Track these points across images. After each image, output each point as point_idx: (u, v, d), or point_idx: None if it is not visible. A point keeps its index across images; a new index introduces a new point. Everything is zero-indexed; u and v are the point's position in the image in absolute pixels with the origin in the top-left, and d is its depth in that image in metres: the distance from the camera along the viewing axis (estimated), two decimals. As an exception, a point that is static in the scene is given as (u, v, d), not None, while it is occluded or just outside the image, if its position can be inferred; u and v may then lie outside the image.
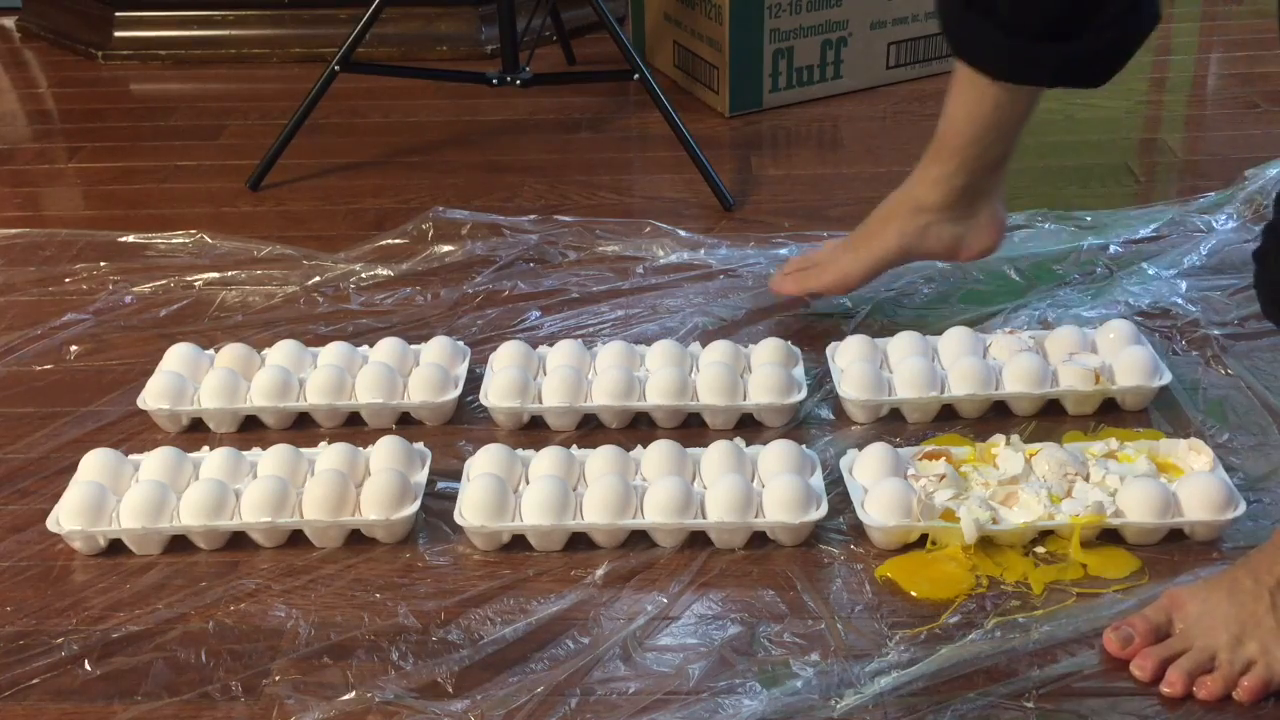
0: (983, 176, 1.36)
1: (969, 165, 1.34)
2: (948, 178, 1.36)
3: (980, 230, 1.40)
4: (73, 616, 1.10)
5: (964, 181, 1.35)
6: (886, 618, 1.05)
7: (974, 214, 1.38)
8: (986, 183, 1.37)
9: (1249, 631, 0.97)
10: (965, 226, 1.39)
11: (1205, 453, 1.18)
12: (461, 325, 1.50)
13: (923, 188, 1.38)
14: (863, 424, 1.30)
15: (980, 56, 1.32)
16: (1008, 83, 1.30)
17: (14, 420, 1.37)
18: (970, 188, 1.36)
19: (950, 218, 1.38)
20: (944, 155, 1.36)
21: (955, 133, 1.34)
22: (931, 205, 1.38)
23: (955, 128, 1.34)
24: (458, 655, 1.03)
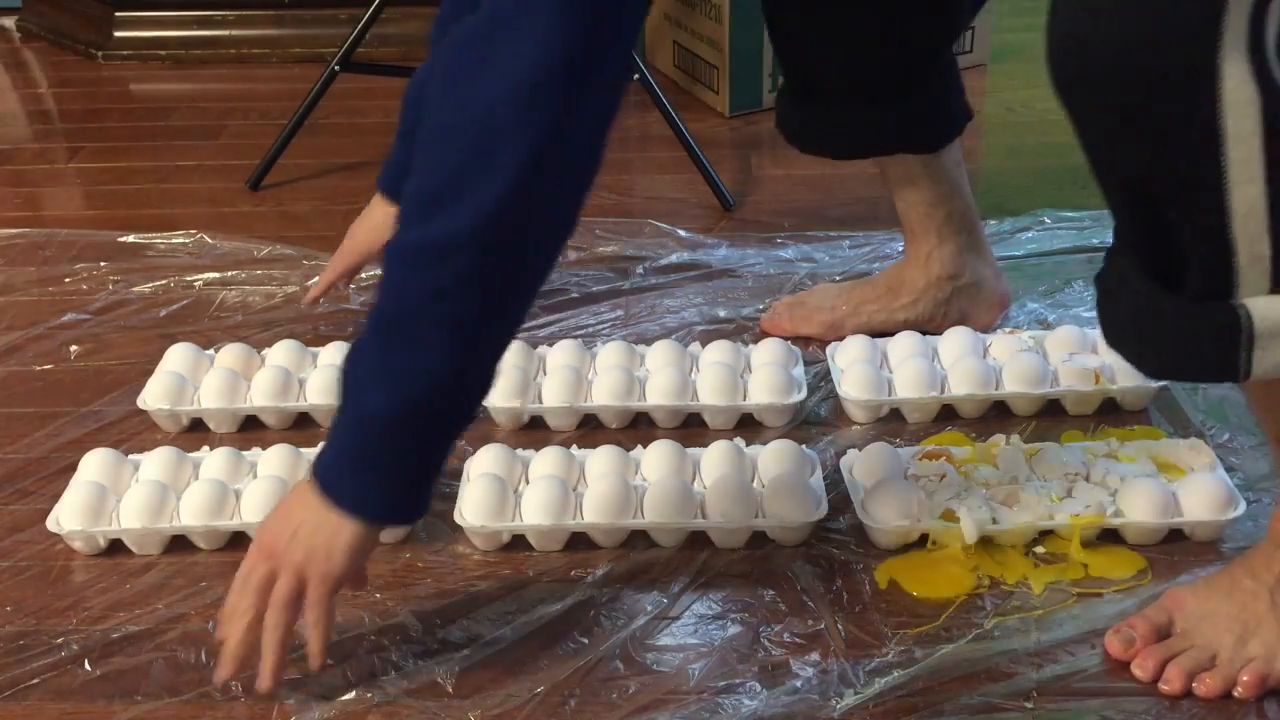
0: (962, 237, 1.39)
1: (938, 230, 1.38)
2: (929, 252, 1.39)
3: (981, 306, 1.41)
4: (73, 616, 1.09)
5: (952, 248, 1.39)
6: (886, 618, 1.05)
7: (977, 287, 1.40)
8: (970, 242, 1.39)
9: (1251, 630, 0.97)
10: (968, 300, 1.41)
11: (1205, 453, 1.18)
12: (461, 325, 1.49)
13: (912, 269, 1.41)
14: (863, 424, 1.30)
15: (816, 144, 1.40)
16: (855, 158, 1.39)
17: (14, 420, 1.37)
18: (959, 252, 1.39)
19: (950, 291, 1.40)
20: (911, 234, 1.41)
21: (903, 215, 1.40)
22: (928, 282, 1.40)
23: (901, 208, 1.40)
24: (458, 655, 1.03)
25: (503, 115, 0.85)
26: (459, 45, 0.87)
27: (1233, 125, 0.77)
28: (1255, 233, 0.79)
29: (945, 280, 1.40)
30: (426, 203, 0.88)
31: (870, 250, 1.61)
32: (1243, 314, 0.81)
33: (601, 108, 0.89)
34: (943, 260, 1.39)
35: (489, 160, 0.85)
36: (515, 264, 0.89)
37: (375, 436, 0.92)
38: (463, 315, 0.89)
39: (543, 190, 0.87)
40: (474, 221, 0.86)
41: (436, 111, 0.88)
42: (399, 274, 0.90)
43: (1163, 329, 0.85)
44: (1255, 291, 0.81)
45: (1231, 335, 0.81)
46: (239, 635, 0.95)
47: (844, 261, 1.59)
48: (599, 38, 0.85)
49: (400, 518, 0.99)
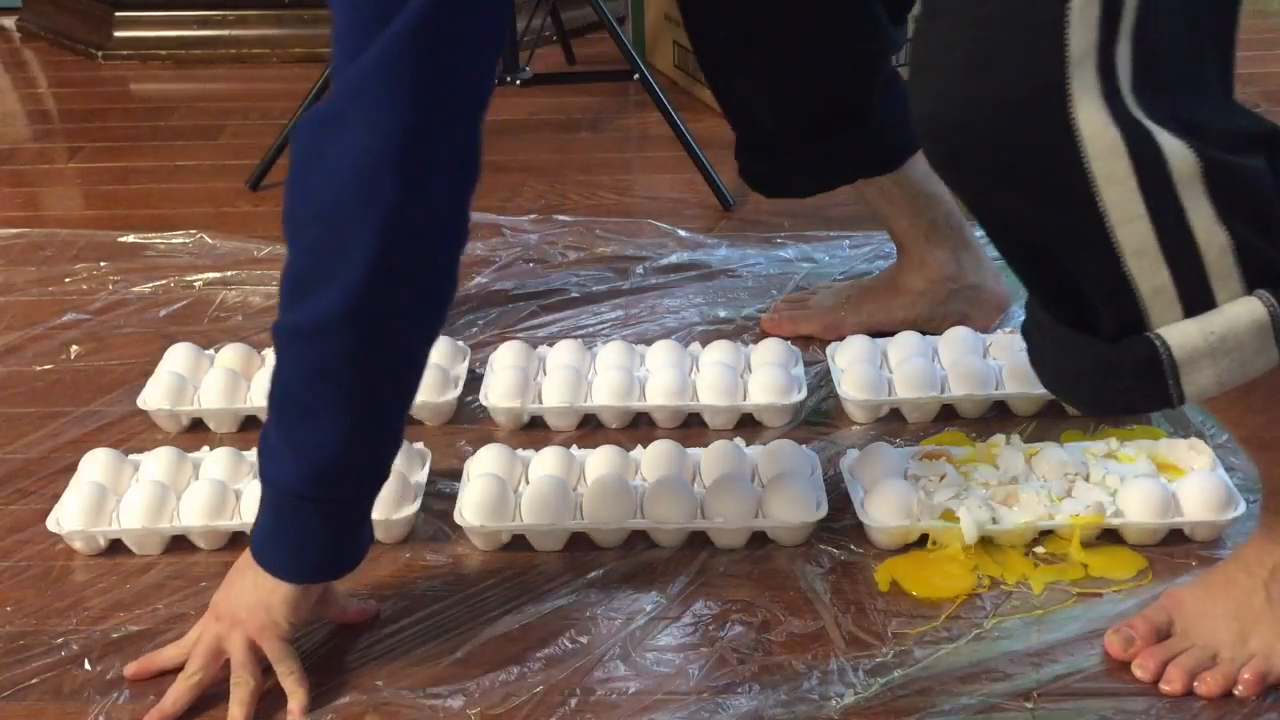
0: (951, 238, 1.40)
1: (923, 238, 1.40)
2: (921, 258, 1.40)
3: (981, 308, 1.42)
4: (73, 616, 1.09)
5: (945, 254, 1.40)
6: (886, 618, 1.05)
7: (976, 289, 1.41)
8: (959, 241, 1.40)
9: (1249, 627, 0.97)
10: (968, 302, 1.41)
11: (1205, 453, 1.18)
12: (461, 325, 1.50)
13: (909, 273, 1.42)
14: (863, 424, 1.30)
15: (780, 188, 1.44)
16: (820, 193, 1.43)
17: (14, 420, 1.37)
18: (952, 255, 1.40)
19: (949, 293, 1.40)
20: (900, 245, 1.43)
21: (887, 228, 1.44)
22: (927, 284, 1.41)
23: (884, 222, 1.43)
24: (457, 655, 1.03)
25: (345, 205, 0.88)
26: (305, 134, 0.90)
27: (1101, 171, 0.78)
28: (1150, 267, 0.80)
29: (943, 282, 1.40)
30: (297, 286, 0.91)
31: (870, 250, 1.61)
32: (1159, 344, 0.82)
33: (450, 178, 0.90)
34: (939, 263, 1.40)
35: (342, 248, 0.88)
36: (391, 336, 0.92)
37: (289, 508, 0.96)
38: (348, 390, 0.92)
39: (400, 267, 0.89)
40: (340, 306, 0.89)
41: (292, 201, 0.91)
42: (284, 354, 0.94)
43: (1089, 371, 0.86)
44: (1168, 320, 0.82)
45: (1153, 367, 0.82)
46: (184, 695, 0.98)
47: (844, 261, 1.59)
48: (434, 119, 0.87)
49: (324, 577, 1.02)
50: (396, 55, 0.85)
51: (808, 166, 1.39)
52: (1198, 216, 0.80)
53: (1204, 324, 0.81)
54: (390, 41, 0.85)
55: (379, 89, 0.86)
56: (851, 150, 1.36)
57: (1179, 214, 0.79)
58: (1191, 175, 0.79)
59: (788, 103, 1.34)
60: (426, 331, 0.96)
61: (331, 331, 0.90)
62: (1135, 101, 0.78)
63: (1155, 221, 0.79)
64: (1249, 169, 0.81)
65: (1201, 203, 0.79)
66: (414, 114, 0.86)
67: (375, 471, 0.99)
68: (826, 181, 1.41)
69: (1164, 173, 0.78)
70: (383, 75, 0.86)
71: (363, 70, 0.86)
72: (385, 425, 0.97)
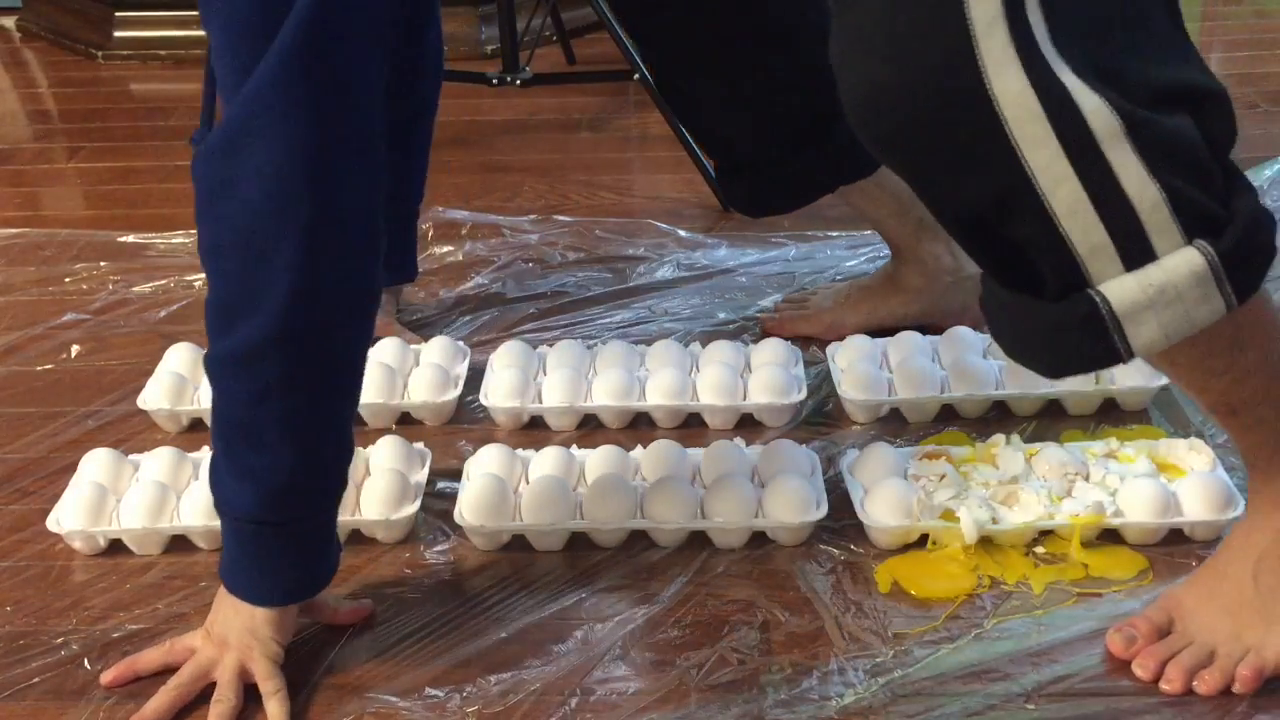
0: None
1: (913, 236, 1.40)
2: (915, 254, 1.40)
3: None
4: (73, 616, 1.09)
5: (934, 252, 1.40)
6: (887, 618, 1.05)
7: (976, 281, 1.39)
8: None
9: (1243, 622, 0.97)
10: (969, 294, 1.39)
11: (1205, 453, 1.18)
12: (461, 325, 1.50)
13: (906, 268, 1.42)
14: (863, 424, 1.30)
15: (762, 208, 1.45)
16: (803, 206, 1.44)
17: (14, 420, 1.37)
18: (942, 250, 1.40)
19: (949, 285, 1.40)
20: (892, 245, 1.43)
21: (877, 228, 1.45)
22: (926, 279, 1.41)
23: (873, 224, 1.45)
24: (457, 654, 1.03)
25: (263, 227, 0.88)
26: (207, 165, 0.90)
27: (1023, 136, 0.78)
28: (1086, 225, 0.81)
29: (941, 276, 1.40)
30: (224, 315, 0.92)
31: (870, 250, 1.61)
32: (1099, 299, 0.82)
33: (361, 183, 0.91)
34: (934, 258, 1.39)
35: (265, 269, 0.88)
36: (324, 349, 0.93)
37: (250, 534, 0.97)
38: (290, 410, 0.93)
39: (325, 281, 0.90)
40: (270, 328, 0.89)
41: (206, 231, 0.91)
42: (221, 384, 0.94)
43: (1041, 333, 0.87)
44: (1109, 275, 0.82)
45: (1097, 323, 0.83)
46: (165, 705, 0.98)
47: (844, 261, 1.59)
48: (335, 127, 0.88)
49: (300, 596, 1.02)
50: (288, 69, 0.85)
51: (785, 183, 1.39)
52: (1126, 173, 0.80)
53: (1142, 277, 0.82)
54: (279, 56, 0.85)
55: (277, 106, 0.86)
56: (826, 161, 1.36)
57: (1107, 172, 0.80)
58: (1114, 133, 0.79)
59: (756, 124, 1.35)
60: (358, 339, 0.96)
61: (265, 355, 0.90)
62: (1057, 55, 0.78)
63: (1084, 181, 0.80)
64: (1173, 125, 0.81)
65: (1129, 159, 0.80)
66: (316, 126, 0.86)
67: (331, 484, 0.99)
68: (806, 195, 1.42)
69: (1086, 133, 0.79)
70: (278, 92, 0.86)
71: (257, 90, 0.86)
72: (334, 437, 0.97)
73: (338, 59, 0.87)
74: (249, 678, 0.99)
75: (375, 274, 0.95)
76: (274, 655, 0.99)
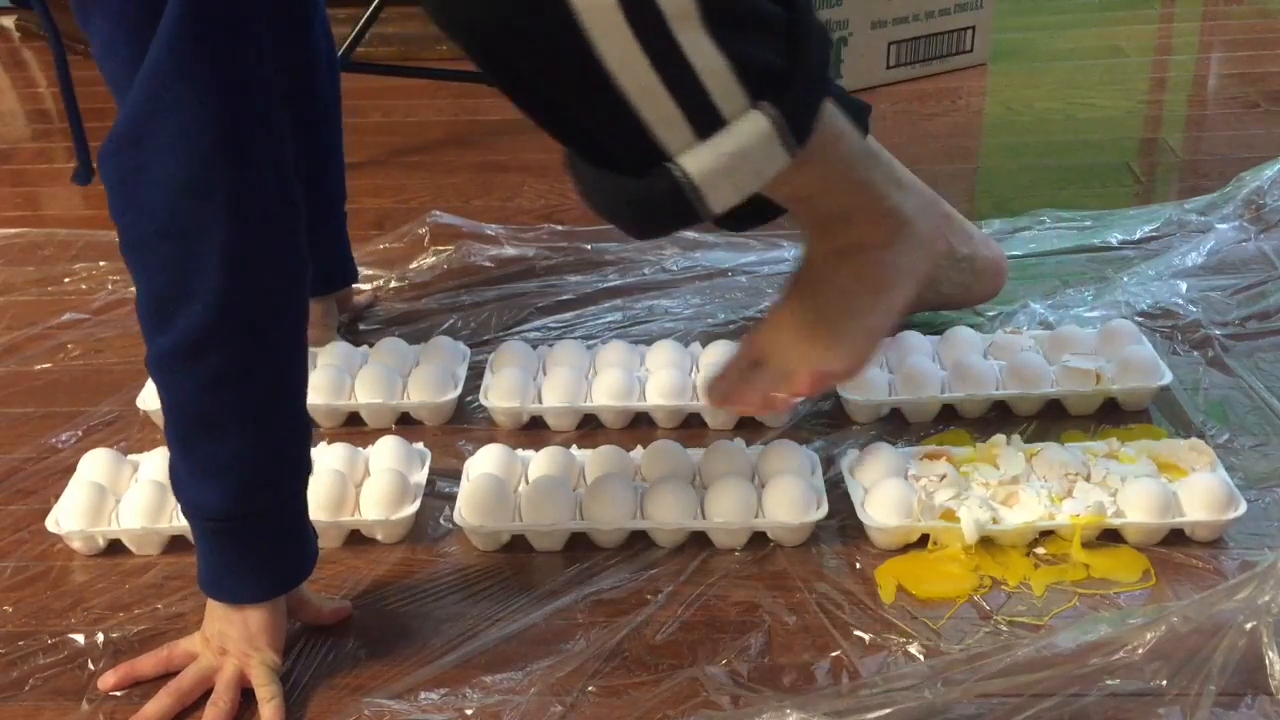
0: None
1: None
2: None
3: (980, 276, 1.41)
4: (72, 616, 1.09)
5: None
6: (887, 618, 1.05)
7: (971, 259, 1.40)
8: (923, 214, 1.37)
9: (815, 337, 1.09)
10: (963, 274, 1.40)
11: (1206, 453, 1.18)
12: (461, 325, 1.50)
13: None
14: (863, 424, 1.30)
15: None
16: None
17: (14, 420, 1.37)
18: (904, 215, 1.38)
19: (945, 270, 1.39)
20: None
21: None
22: None
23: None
24: (456, 655, 1.03)
25: (184, 210, 0.88)
26: (113, 158, 0.90)
27: (588, 15, 0.80)
28: (655, 98, 0.84)
29: (948, 260, 1.38)
30: (158, 311, 0.91)
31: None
32: (679, 174, 0.87)
33: (272, 149, 0.90)
34: None
35: (194, 251, 0.88)
36: (265, 328, 0.92)
37: (223, 532, 0.96)
38: (244, 393, 0.92)
39: (255, 256, 0.90)
40: (208, 314, 0.89)
41: (124, 226, 0.91)
42: (168, 382, 0.93)
43: (625, 205, 0.91)
44: (683, 146, 0.86)
45: (679, 194, 0.88)
46: (166, 707, 0.98)
47: (844, 261, 1.59)
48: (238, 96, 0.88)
49: (286, 585, 1.01)
50: (179, 47, 0.85)
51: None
52: (695, 49, 0.83)
53: (717, 147, 0.87)
54: (167, 36, 0.85)
55: (176, 88, 0.86)
56: None
57: (676, 49, 0.83)
58: (685, 11, 0.82)
59: None
60: (297, 314, 0.96)
61: (210, 341, 0.90)
62: None
63: (653, 58, 0.83)
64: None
65: (699, 35, 0.83)
66: (219, 98, 0.87)
67: (296, 466, 0.99)
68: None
69: (656, 13, 0.81)
70: (175, 72, 0.86)
71: (154, 73, 0.86)
72: (289, 418, 0.97)
73: (226, 29, 0.87)
74: (247, 683, 0.99)
75: (302, 244, 0.94)
76: (271, 664, 0.99)
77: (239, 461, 0.94)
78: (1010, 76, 2.20)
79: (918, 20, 2.15)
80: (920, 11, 2.14)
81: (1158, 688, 0.96)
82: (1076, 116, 2.02)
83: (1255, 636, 0.97)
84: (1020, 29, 2.40)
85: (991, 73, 2.22)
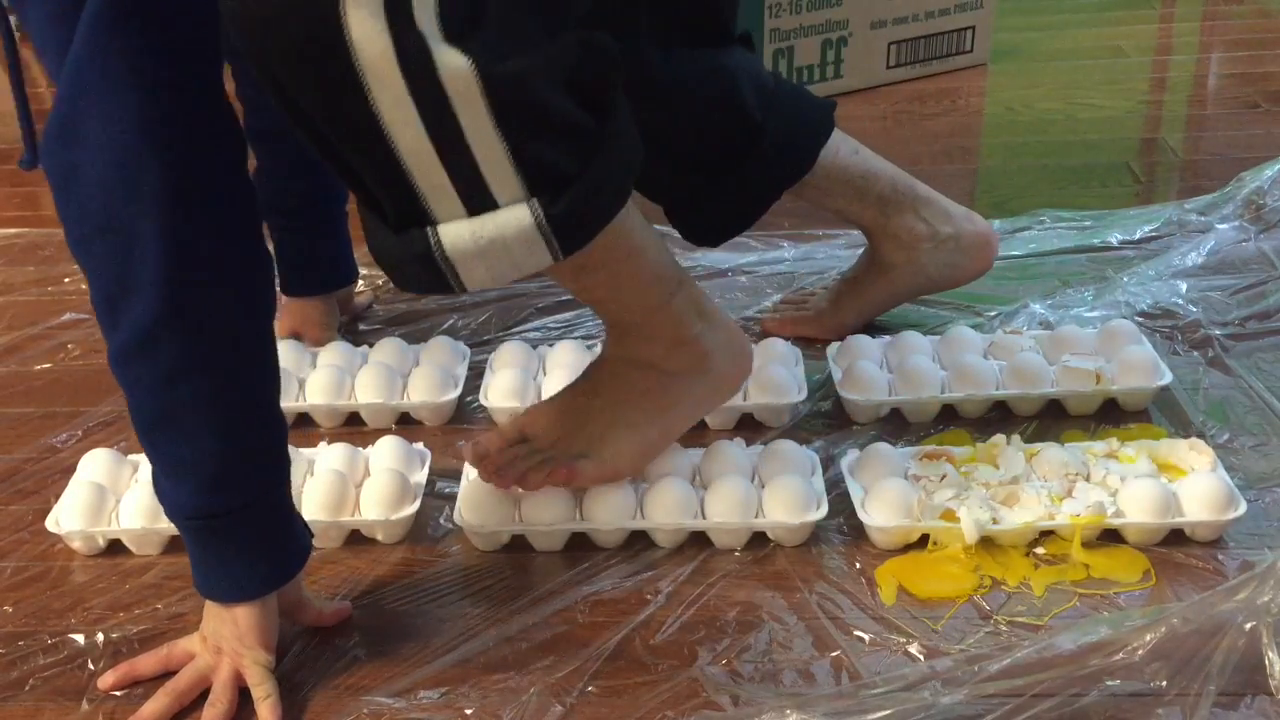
0: None
1: None
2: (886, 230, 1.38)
3: (968, 252, 1.40)
4: (72, 616, 1.09)
5: None
6: (888, 618, 1.05)
7: (955, 239, 1.39)
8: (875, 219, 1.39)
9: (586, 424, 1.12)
10: (951, 252, 1.39)
11: (1206, 453, 1.18)
12: (461, 325, 1.50)
13: (883, 246, 1.40)
14: (863, 424, 1.30)
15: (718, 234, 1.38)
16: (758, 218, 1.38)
17: (14, 420, 1.37)
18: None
19: (930, 251, 1.38)
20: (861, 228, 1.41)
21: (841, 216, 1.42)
22: (906, 252, 1.39)
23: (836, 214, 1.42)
24: (456, 655, 1.03)
25: (118, 202, 0.87)
26: (50, 155, 0.88)
27: (372, 75, 0.80)
28: (427, 166, 0.84)
29: (918, 245, 1.38)
30: (109, 309, 0.90)
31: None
32: (434, 242, 0.87)
33: (207, 136, 0.89)
34: (906, 230, 1.37)
35: (133, 247, 0.87)
36: (215, 320, 0.91)
37: (205, 530, 0.96)
38: (199, 388, 0.91)
39: (197, 243, 0.89)
40: (154, 308, 0.88)
41: (68, 225, 0.89)
42: (126, 380, 0.92)
43: (392, 254, 0.90)
44: (450, 216, 0.87)
45: (430, 261, 0.88)
46: (164, 707, 0.98)
47: (844, 261, 1.59)
48: (163, 86, 0.86)
49: (277, 581, 1.00)
50: (97, 41, 0.84)
51: (730, 204, 1.35)
52: (475, 129, 0.83)
53: (476, 227, 0.87)
54: (85, 30, 0.84)
55: (99, 79, 0.85)
56: (761, 170, 1.33)
57: (454, 124, 0.83)
58: (469, 91, 0.82)
59: (676, 167, 1.31)
60: (251, 307, 0.94)
61: (159, 336, 0.89)
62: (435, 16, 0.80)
63: (429, 129, 0.83)
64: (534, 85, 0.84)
65: (481, 119, 0.83)
66: (142, 89, 0.85)
67: (269, 461, 0.98)
68: (754, 209, 1.37)
69: (437, 85, 0.81)
70: (97, 63, 0.85)
71: (75, 69, 0.85)
72: (253, 413, 0.96)
73: (146, 22, 0.85)
74: (243, 683, 0.99)
75: (250, 235, 0.93)
76: (264, 662, 0.99)
77: (204, 458, 0.93)
78: (1010, 76, 2.20)
79: (918, 20, 2.15)
80: (920, 11, 2.14)
81: (1158, 688, 0.96)
82: (1076, 116, 2.02)
83: (1255, 637, 0.97)
84: (1020, 29, 2.40)
85: (991, 73, 2.22)
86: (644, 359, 1.11)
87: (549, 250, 0.89)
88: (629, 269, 1.03)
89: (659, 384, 1.12)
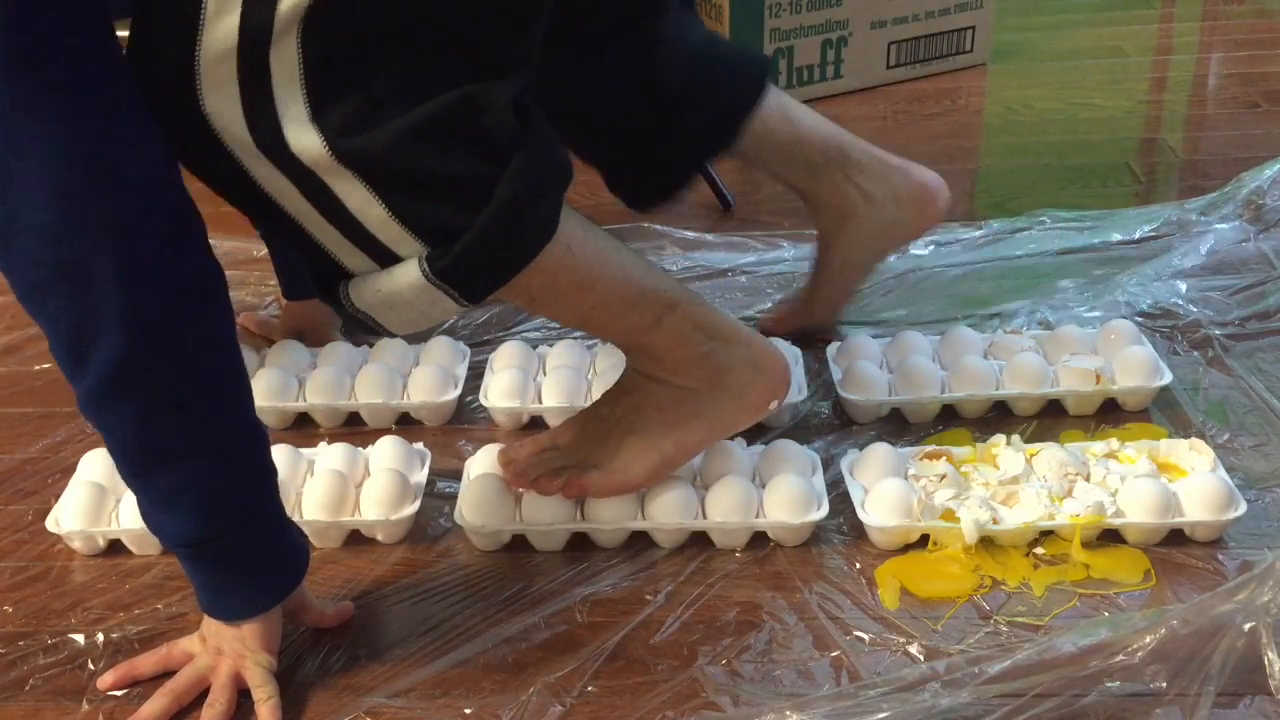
0: None
1: None
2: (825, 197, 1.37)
3: (914, 204, 1.37)
4: (72, 616, 1.09)
5: None
6: (888, 618, 1.05)
7: (894, 196, 1.36)
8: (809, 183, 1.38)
9: (603, 439, 1.12)
10: (894, 211, 1.36)
11: (1206, 453, 1.18)
12: (461, 325, 1.50)
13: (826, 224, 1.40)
14: (863, 424, 1.30)
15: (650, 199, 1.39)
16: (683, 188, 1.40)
17: (14, 420, 1.37)
18: None
19: (870, 216, 1.36)
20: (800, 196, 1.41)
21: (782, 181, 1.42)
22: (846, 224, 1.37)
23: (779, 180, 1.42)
24: (456, 655, 1.03)
25: (64, 248, 0.84)
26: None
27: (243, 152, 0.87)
28: (324, 230, 0.91)
29: (853, 213, 1.36)
30: (72, 355, 0.88)
31: (870, 250, 1.60)
32: (344, 296, 0.95)
33: (143, 168, 0.87)
34: (839, 198, 1.36)
35: (87, 288, 0.85)
36: (183, 344, 0.90)
37: (204, 556, 0.96)
38: (180, 417, 0.91)
39: (150, 272, 0.87)
40: (121, 346, 0.86)
41: (14, 277, 0.86)
42: (103, 421, 0.91)
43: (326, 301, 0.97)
44: (362, 269, 0.93)
45: (353, 310, 0.96)
46: (162, 707, 0.98)
47: (844, 261, 1.59)
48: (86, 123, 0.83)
49: (279, 595, 1.01)
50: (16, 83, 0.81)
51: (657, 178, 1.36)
52: (350, 193, 0.88)
53: (380, 282, 0.93)
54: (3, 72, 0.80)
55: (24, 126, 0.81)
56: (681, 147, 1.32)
57: (330, 194, 0.88)
58: (330, 165, 0.86)
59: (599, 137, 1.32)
60: (213, 322, 0.93)
61: (132, 372, 0.88)
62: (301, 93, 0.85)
63: (310, 199, 0.89)
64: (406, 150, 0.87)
65: (350, 184, 0.88)
66: (65, 125, 0.82)
67: (257, 476, 0.98)
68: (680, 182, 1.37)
69: (298, 162, 0.86)
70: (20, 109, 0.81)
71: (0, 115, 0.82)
72: (236, 431, 0.95)
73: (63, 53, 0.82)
74: (243, 684, 0.99)
75: (202, 255, 0.92)
76: (266, 664, 0.99)
77: (196, 485, 0.93)
78: (1010, 76, 2.20)
79: (918, 20, 2.15)
80: (920, 11, 2.14)
81: (1158, 689, 0.96)
82: (1076, 116, 2.02)
83: (1254, 637, 0.97)
84: (1020, 29, 2.40)
85: (991, 73, 2.22)
86: (654, 374, 1.11)
87: (452, 299, 0.93)
88: (590, 300, 1.03)
89: (673, 398, 1.12)
